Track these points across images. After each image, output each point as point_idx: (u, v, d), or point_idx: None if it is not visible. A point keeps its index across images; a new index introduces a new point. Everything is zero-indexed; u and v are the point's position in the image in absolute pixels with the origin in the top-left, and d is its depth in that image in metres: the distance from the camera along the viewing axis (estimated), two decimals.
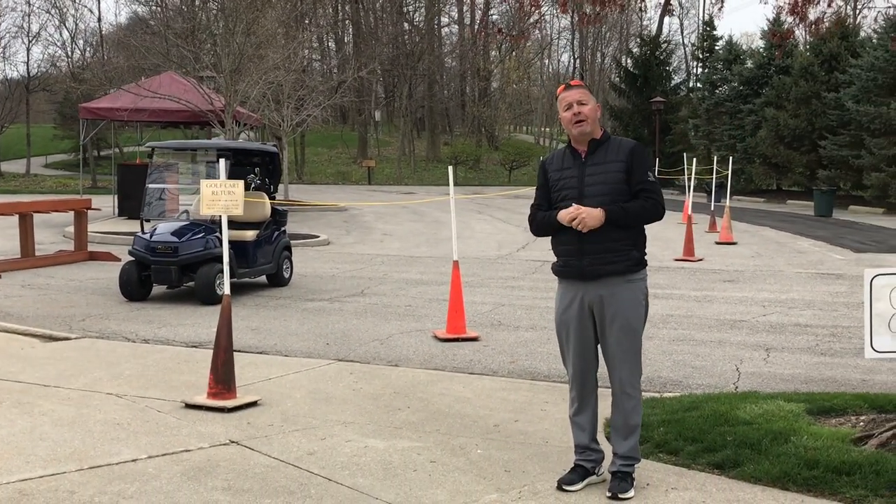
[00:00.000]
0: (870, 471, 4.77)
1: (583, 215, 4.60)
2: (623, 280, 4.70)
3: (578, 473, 4.83)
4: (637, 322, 4.75)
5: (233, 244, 11.22)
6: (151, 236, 11.29)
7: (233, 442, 5.57)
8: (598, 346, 4.87)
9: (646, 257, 4.86)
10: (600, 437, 5.14)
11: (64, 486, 4.77)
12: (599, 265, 4.67)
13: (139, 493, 4.69)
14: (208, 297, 10.87)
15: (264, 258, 12.15)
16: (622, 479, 4.71)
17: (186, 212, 12.25)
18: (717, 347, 8.81)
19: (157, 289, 11.67)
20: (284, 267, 12.62)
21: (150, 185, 12.28)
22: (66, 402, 6.43)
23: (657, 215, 4.74)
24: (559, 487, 4.77)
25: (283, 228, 12.79)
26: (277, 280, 12.48)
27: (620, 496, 4.63)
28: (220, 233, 11.22)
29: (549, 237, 4.90)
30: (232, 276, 10.94)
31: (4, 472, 4.97)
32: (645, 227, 4.84)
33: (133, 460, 5.20)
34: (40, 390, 6.74)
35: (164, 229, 11.44)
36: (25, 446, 5.42)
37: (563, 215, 4.66)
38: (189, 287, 11.50)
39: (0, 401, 6.41)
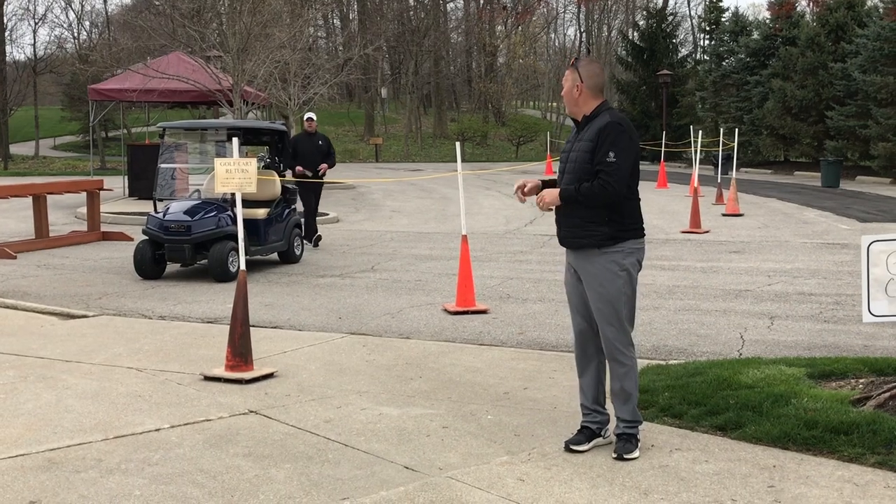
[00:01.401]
0: (867, 430, 4.94)
1: (543, 196, 4.96)
2: (598, 252, 4.88)
3: (585, 435, 5.03)
4: (614, 291, 4.86)
5: (244, 222, 11.38)
6: (165, 215, 11.47)
7: (252, 411, 5.77)
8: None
9: (624, 231, 4.86)
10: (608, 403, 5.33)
11: (91, 455, 4.98)
12: (571, 238, 4.97)
13: (164, 460, 4.89)
14: (221, 274, 11.06)
15: (276, 236, 12.33)
16: (626, 441, 4.91)
17: (198, 191, 12.43)
18: (721, 316, 8.97)
19: (171, 267, 11.87)
20: (295, 244, 12.81)
21: (162, 166, 12.45)
22: (88, 376, 6.64)
23: (607, 198, 4.75)
24: (567, 448, 4.97)
25: (293, 206, 12.96)
26: (288, 257, 12.68)
27: (625, 456, 4.83)
28: (233, 211, 11.48)
29: None
30: (244, 253, 11.12)
31: (34, 441, 5.18)
32: (628, 201, 4.85)
33: (156, 429, 5.40)
34: (63, 365, 6.95)
35: (176, 208, 11.62)
36: (52, 418, 5.62)
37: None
38: (202, 265, 11.69)
39: (25, 375, 6.62)
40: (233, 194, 11.13)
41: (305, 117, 15.12)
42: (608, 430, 5.11)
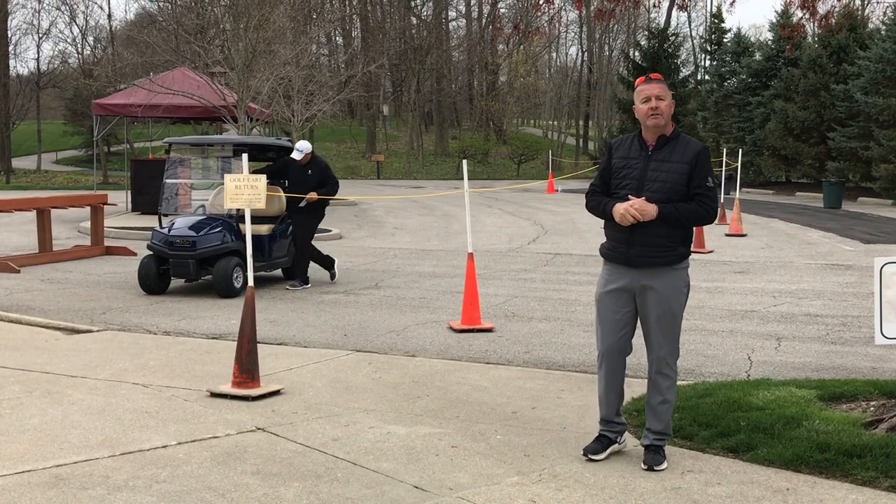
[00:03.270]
0: (880, 453, 4.91)
1: (636, 206, 4.83)
2: (669, 269, 4.97)
3: (603, 443, 5.13)
4: (678, 308, 5.04)
5: None
6: (170, 231, 11.45)
7: (259, 429, 5.73)
8: (633, 332, 5.12)
9: (689, 251, 5.09)
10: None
11: (98, 472, 4.94)
12: (646, 257, 4.93)
13: (172, 478, 4.85)
14: (226, 290, 11.04)
15: (279, 252, 12.29)
16: (655, 452, 5.01)
17: (203, 206, 12.41)
18: (728, 337, 8.94)
19: (175, 282, 11.84)
20: None
21: (168, 181, 12.44)
22: (94, 391, 6.60)
23: (708, 221, 5.03)
24: (585, 456, 5.07)
25: None
26: (293, 273, 12.63)
27: (656, 468, 4.94)
28: (238, 227, 11.46)
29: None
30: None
31: (40, 457, 5.14)
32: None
33: (163, 446, 5.36)
34: (68, 380, 6.91)
35: (181, 224, 11.60)
36: (58, 434, 5.58)
37: (617, 209, 4.90)
38: (207, 280, 11.66)
39: (30, 391, 6.59)
40: (238, 210, 11.18)
41: (297, 148, 12.09)
42: (623, 437, 5.22)
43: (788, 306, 10.69)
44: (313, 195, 11.86)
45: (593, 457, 5.04)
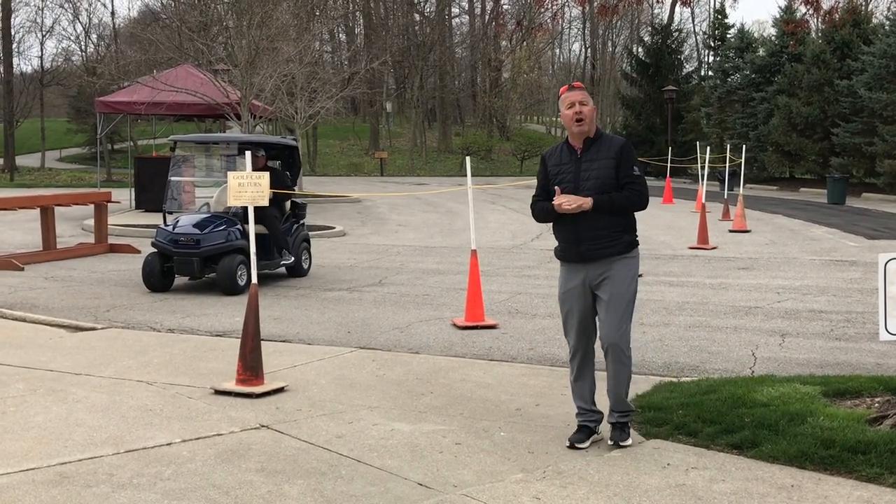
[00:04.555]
0: (885, 450, 4.89)
1: (581, 201, 5.18)
2: (619, 258, 5.30)
3: (584, 433, 5.45)
4: (631, 292, 5.33)
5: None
6: (174, 228, 11.47)
7: (263, 426, 5.73)
8: (595, 323, 5.46)
9: (635, 240, 5.42)
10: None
11: (103, 469, 4.94)
12: (596, 249, 5.28)
13: (176, 475, 4.86)
14: (230, 287, 11.05)
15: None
16: (621, 430, 5.35)
17: (207, 204, 12.42)
18: (732, 333, 8.93)
19: (179, 280, 11.85)
20: (303, 258, 12.78)
21: (173, 179, 12.45)
22: (98, 389, 6.61)
23: (641, 205, 5.34)
24: (571, 446, 5.31)
25: (301, 221, 12.94)
26: (297, 271, 12.64)
27: (621, 444, 5.29)
28: (242, 225, 11.46)
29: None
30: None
31: (45, 455, 5.14)
32: (635, 214, 5.45)
33: (168, 444, 5.37)
34: (72, 378, 6.92)
35: (186, 222, 11.61)
36: (62, 431, 5.59)
37: (555, 201, 5.27)
38: (211, 278, 11.68)
39: (34, 388, 6.60)
40: (242, 208, 11.17)
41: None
42: (599, 427, 5.48)
43: (792, 302, 10.68)
44: None
45: (579, 445, 5.29)
